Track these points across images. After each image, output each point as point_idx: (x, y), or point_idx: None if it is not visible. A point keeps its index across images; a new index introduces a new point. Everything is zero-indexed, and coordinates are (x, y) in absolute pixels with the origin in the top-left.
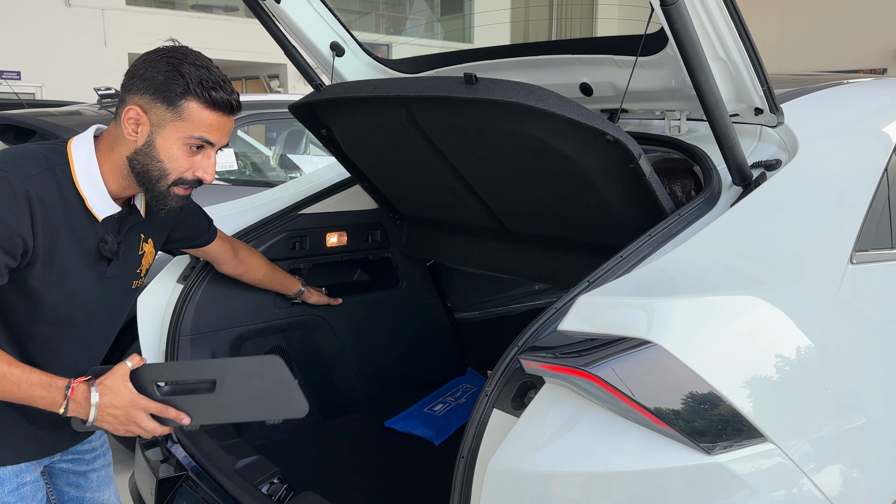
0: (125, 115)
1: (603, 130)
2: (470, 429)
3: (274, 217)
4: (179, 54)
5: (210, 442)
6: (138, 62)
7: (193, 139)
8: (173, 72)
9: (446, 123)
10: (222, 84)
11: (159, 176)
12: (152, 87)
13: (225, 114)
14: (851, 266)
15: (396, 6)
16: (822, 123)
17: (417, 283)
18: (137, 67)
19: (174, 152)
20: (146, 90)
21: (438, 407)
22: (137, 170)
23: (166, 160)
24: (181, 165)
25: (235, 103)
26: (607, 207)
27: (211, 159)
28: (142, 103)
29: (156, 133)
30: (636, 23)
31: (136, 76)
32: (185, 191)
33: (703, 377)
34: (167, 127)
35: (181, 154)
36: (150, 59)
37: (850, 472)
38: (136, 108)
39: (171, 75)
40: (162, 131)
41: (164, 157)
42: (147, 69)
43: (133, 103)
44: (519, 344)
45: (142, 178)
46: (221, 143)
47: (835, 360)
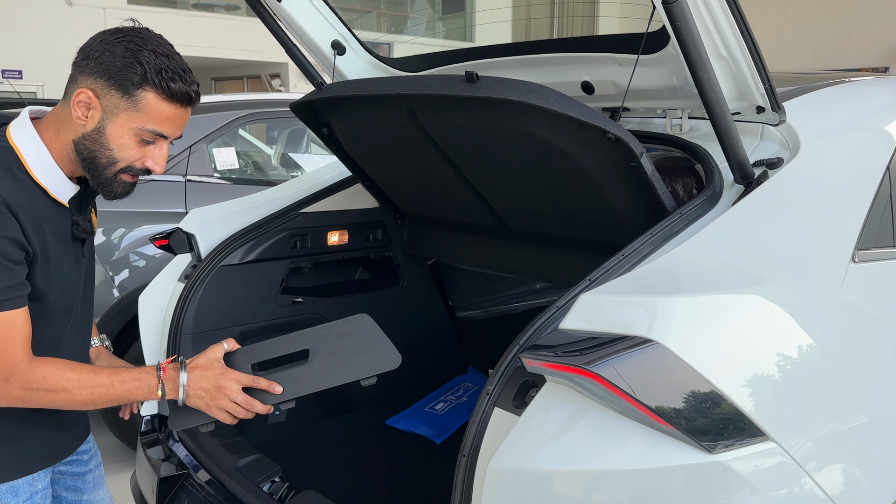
0: (75, 97)
1: (604, 129)
2: (471, 427)
3: (275, 216)
4: (139, 39)
5: (211, 441)
6: (94, 41)
7: (146, 132)
8: (132, 58)
9: (448, 122)
10: (182, 74)
11: (107, 163)
12: (107, 72)
13: (183, 106)
14: (853, 265)
15: (398, 5)
16: (824, 122)
17: (418, 281)
18: (93, 48)
19: (125, 141)
20: (100, 74)
21: (439, 406)
22: (84, 154)
23: (116, 149)
24: (131, 155)
25: (195, 95)
26: (609, 206)
27: (163, 150)
28: (95, 87)
29: (107, 120)
30: (638, 21)
31: (90, 57)
32: (132, 178)
33: (705, 376)
34: (120, 115)
35: (132, 144)
36: (107, 40)
37: (852, 471)
38: (87, 91)
39: (129, 62)
40: (114, 119)
41: (114, 145)
42: (104, 52)
43: (85, 86)
44: (520, 342)
45: (88, 164)
46: (176, 135)
47: (836, 359)
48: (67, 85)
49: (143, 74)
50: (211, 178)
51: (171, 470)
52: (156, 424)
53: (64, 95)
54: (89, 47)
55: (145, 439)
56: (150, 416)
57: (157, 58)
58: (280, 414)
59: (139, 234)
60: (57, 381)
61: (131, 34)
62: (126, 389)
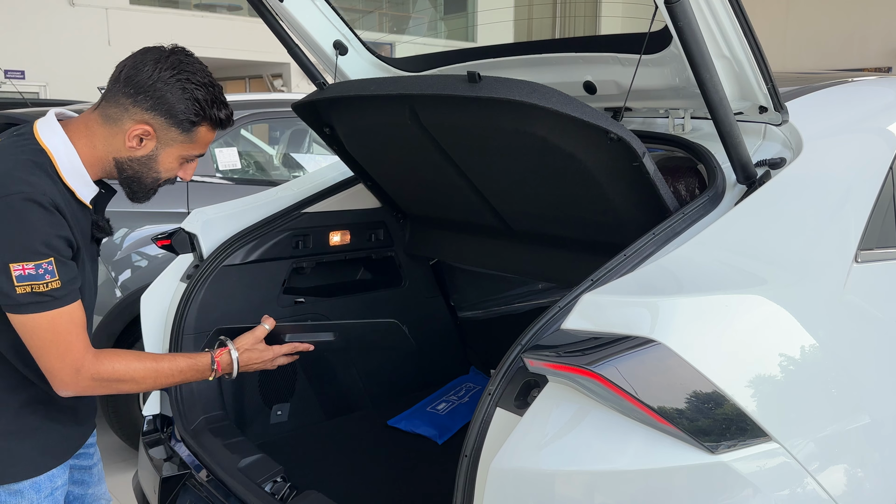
0: (132, 131)
1: (606, 129)
2: (473, 428)
3: (277, 216)
4: (190, 72)
5: (213, 440)
6: (143, 71)
7: (192, 156)
8: (190, 98)
9: (450, 122)
10: (224, 101)
11: (151, 182)
12: (169, 112)
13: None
14: (856, 265)
15: (400, 5)
16: (827, 122)
17: (420, 282)
18: (144, 79)
19: (173, 165)
20: (160, 112)
21: (441, 406)
22: (128, 173)
23: (163, 171)
24: (173, 173)
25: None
26: (611, 206)
27: (195, 163)
28: (154, 123)
29: (160, 150)
30: (640, 21)
31: (144, 91)
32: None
33: (707, 376)
34: (175, 146)
35: (177, 165)
36: (163, 77)
37: (855, 472)
38: (146, 127)
39: (189, 104)
40: (168, 149)
41: (163, 168)
42: (159, 89)
43: (142, 120)
44: (522, 343)
45: (130, 180)
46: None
47: (839, 360)
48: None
49: (200, 112)
50: (213, 178)
51: (173, 470)
52: (158, 424)
53: (106, 117)
54: (139, 75)
55: (147, 439)
56: (151, 416)
57: (207, 91)
58: (282, 414)
59: (141, 234)
60: (125, 372)
61: (181, 66)
62: (183, 378)
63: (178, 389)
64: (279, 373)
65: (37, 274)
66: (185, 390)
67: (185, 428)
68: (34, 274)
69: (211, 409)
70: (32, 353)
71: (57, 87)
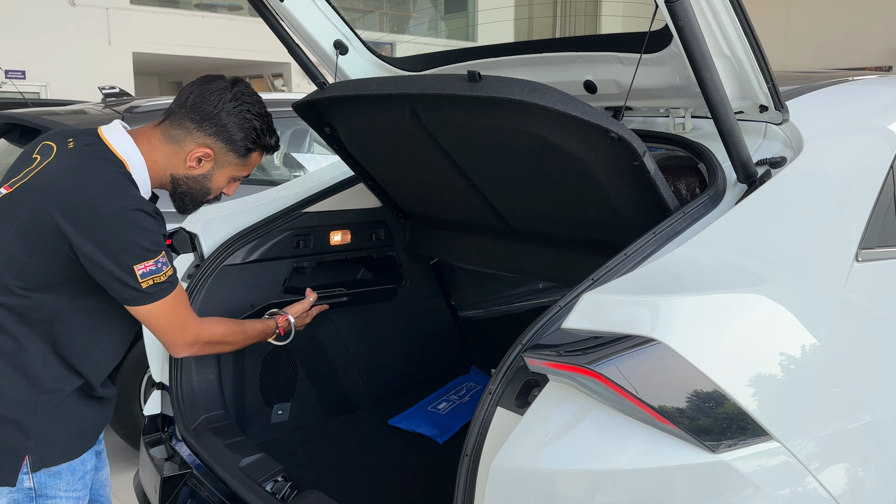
0: (194, 152)
1: (607, 128)
2: (474, 427)
3: (278, 215)
4: (248, 103)
5: (214, 440)
6: (208, 99)
7: (241, 176)
8: (249, 128)
9: (450, 121)
10: (273, 129)
11: (202, 197)
12: (229, 139)
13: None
14: (857, 264)
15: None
16: (828, 121)
17: (421, 281)
18: (209, 108)
19: (222, 183)
20: (222, 139)
21: (442, 405)
22: (182, 189)
23: (214, 189)
24: (221, 190)
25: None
26: (611, 205)
27: (239, 182)
28: (215, 147)
29: (216, 170)
30: (640, 20)
31: (208, 117)
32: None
33: (708, 375)
34: (229, 168)
35: (226, 184)
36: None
37: (856, 471)
38: (208, 150)
39: (248, 133)
40: (222, 170)
41: (214, 187)
42: (222, 116)
43: (205, 145)
44: (523, 342)
45: (182, 194)
46: None
47: (840, 359)
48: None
49: (256, 140)
50: None
51: (174, 469)
52: (159, 424)
53: (169, 136)
54: (205, 104)
55: (148, 439)
56: (152, 416)
57: (262, 121)
58: (283, 414)
59: None
60: (223, 335)
61: (242, 98)
62: (257, 336)
63: (179, 389)
64: (280, 372)
65: (157, 268)
66: (185, 390)
67: (186, 427)
68: (154, 269)
69: (212, 408)
70: (157, 333)
71: (57, 87)
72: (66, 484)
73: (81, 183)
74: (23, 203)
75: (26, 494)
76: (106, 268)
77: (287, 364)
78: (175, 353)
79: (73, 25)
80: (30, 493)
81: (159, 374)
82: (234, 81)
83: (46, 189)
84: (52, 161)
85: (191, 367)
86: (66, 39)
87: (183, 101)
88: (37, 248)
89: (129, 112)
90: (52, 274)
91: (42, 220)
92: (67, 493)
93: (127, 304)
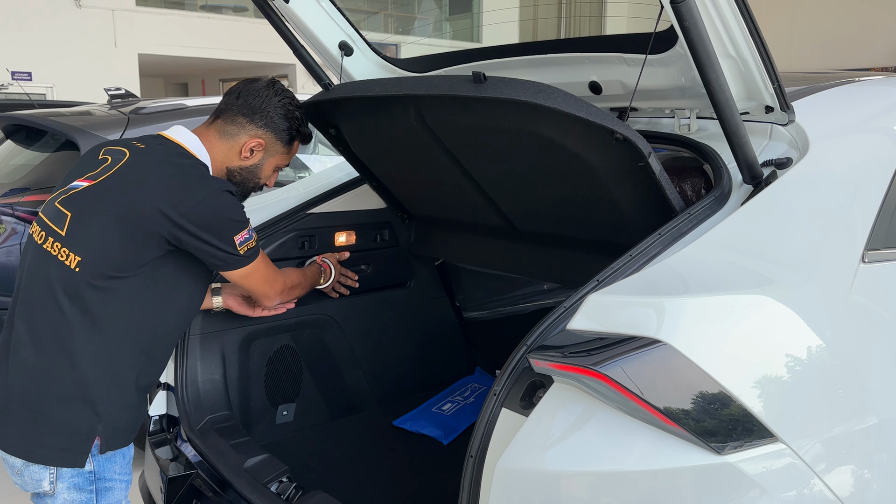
0: (248, 143)
1: (612, 129)
2: (479, 428)
3: (283, 216)
4: (288, 97)
5: (219, 440)
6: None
7: (283, 166)
8: (291, 118)
9: (455, 122)
10: (307, 120)
11: (253, 187)
12: (276, 130)
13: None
14: (863, 265)
15: (405, 6)
16: (834, 121)
17: (426, 282)
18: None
19: (269, 173)
20: (270, 129)
21: (447, 406)
22: (235, 179)
23: (262, 177)
24: (266, 180)
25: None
26: (616, 206)
27: (278, 173)
28: (265, 138)
29: (265, 159)
30: (646, 21)
31: (258, 110)
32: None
33: (714, 377)
34: (276, 157)
35: (271, 173)
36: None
37: (862, 473)
38: (260, 140)
39: (292, 122)
40: (270, 158)
41: (263, 175)
42: (269, 110)
43: (257, 136)
44: (528, 343)
45: (235, 185)
46: None
47: (846, 360)
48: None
49: (297, 129)
50: None
51: (179, 470)
52: (164, 424)
53: (224, 133)
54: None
55: (153, 439)
56: (157, 417)
57: (300, 112)
58: (287, 414)
59: None
60: (294, 281)
61: (283, 93)
62: (313, 276)
63: (184, 390)
64: (285, 373)
65: (249, 236)
66: (191, 391)
67: (191, 428)
68: (248, 237)
69: (217, 409)
70: (254, 288)
71: (64, 89)
72: (120, 468)
73: (175, 174)
74: (113, 194)
75: (87, 478)
76: (210, 242)
77: (292, 365)
78: (269, 302)
79: (79, 27)
80: (90, 476)
81: (164, 374)
82: (273, 80)
83: (140, 181)
84: (134, 157)
85: (196, 367)
86: (72, 41)
87: (232, 100)
88: (132, 233)
89: (134, 113)
90: (142, 256)
91: (140, 208)
92: (120, 476)
93: (228, 269)
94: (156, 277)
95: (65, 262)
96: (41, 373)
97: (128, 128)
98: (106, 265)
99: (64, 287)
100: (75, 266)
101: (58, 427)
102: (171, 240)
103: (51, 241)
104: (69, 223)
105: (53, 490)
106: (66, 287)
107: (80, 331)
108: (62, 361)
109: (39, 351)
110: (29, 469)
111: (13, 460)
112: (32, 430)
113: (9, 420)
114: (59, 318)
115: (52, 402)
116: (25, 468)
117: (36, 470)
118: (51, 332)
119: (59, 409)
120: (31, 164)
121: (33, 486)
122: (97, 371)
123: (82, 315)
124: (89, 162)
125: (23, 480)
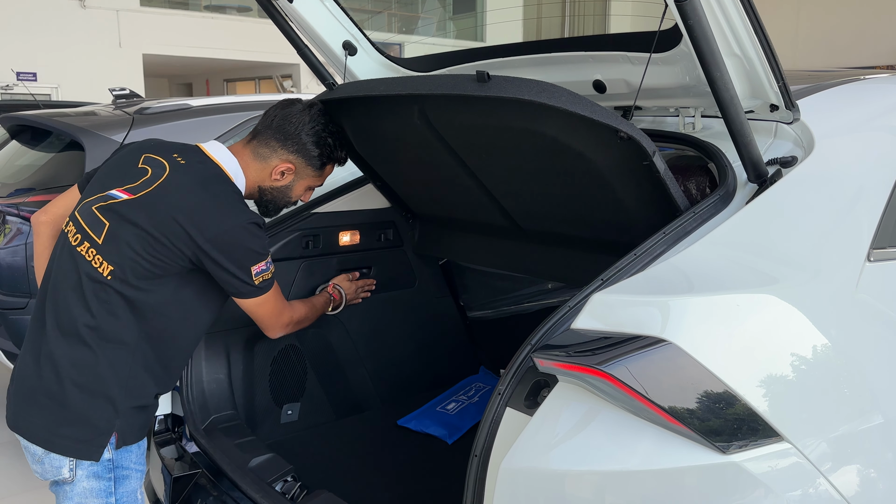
0: (278, 167)
1: (616, 127)
2: (483, 427)
3: (287, 216)
4: (322, 123)
5: (224, 440)
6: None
7: (317, 185)
8: (324, 144)
9: (459, 121)
10: (343, 144)
11: (283, 205)
12: (308, 155)
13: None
14: (868, 264)
15: (409, 5)
16: (839, 120)
17: (430, 281)
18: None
19: (301, 192)
20: (302, 155)
21: (451, 406)
22: (267, 198)
23: (293, 197)
24: (300, 197)
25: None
26: (621, 205)
27: (313, 190)
28: (296, 162)
29: (296, 182)
30: (650, 19)
31: (290, 136)
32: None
33: (719, 376)
34: (307, 179)
35: (303, 192)
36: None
37: (868, 472)
38: (291, 165)
39: (324, 149)
40: (301, 181)
41: (294, 195)
42: (302, 136)
43: (288, 161)
44: (532, 342)
45: (267, 203)
46: None
47: (852, 359)
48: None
49: (330, 155)
50: None
51: (184, 469)
52: (169, 424)
53: (258, 154)
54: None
55: (158, 439)
56: (162, 416)
57: (335, 138)
58: (292, 414)
59: None
60: (301, 316)
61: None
62: (322, 306)
63: (189, 389)
64: (290, 372)
65: (265, 267)
66: (196, 390)
67: (196, 427)
68: (265, 268)
69: (222, 408)
70: (261, 318)
71: (68, 89)
72: (136, 458)
73: (208, 200)
74: (149, 212)
75: (105, 466)
76: (228, 269)
77: (296, 364)
78: (273, 334)
79: (83, 27)
80: (108, 465)
81: None
82: (310, 105)
83: (176, 203)
84: (172, 175)
85: (201, 367)
86: (76, 41)
87: (269, 122)
88: (160, 249)
89: (139, 113)
90: (167, 270)
91: (171, 228)
92: (136, 465)
93: (240, 296)
94: (180, 295)
95: (98, 268)
96: (66, 368)
97: (132, 128)
98: (135, 277)
99: (94, 290)
100: (107, 274)
101: (79, 420)
102: (194, 259)
103: (86, 246)
104: (106, 233)
105: (73, 478)
106: (96, 290)
107: (104, 333)
108: (87, 359)
109: (66, 346)
110: (49, 457)
111: (34, 448)
112: (55, 421)
113: (35, 410)
114: (85, 318)
115: (76, 397)
116: (46, 456)
117: (56, 458)
118: (77, 330)
119: (81, 404)
120: (37, 165)
121: (53, 474)
122: (117, 374)
123: (108, 319)
124: (127, 169)
125: (43, 468)
